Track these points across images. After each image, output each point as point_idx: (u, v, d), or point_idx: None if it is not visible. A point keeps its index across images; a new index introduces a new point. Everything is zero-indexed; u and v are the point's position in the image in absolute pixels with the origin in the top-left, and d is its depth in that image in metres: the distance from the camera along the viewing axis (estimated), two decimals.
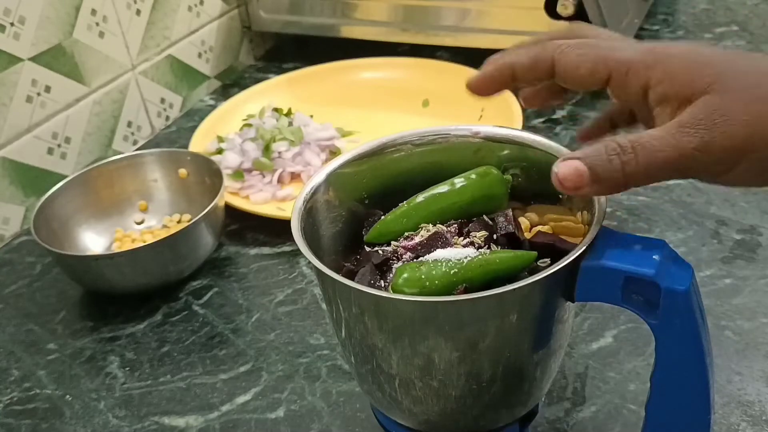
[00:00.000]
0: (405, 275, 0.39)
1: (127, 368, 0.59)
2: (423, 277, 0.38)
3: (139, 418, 0.54)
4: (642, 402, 0.47)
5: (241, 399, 0.55)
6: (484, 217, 0.44)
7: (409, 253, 0.42)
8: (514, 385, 0.41)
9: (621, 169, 0.34)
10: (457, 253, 0.40)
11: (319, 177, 0.44)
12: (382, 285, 0.41)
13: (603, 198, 0.39)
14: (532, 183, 0.45)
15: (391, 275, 0.41)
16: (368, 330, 0.39)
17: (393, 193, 0.46)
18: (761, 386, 0.50)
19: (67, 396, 0.57)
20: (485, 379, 0.39)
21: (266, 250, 0.70)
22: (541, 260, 0.41)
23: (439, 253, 0.40)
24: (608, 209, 0.47)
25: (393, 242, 0.43)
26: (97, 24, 0.83)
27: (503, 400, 0.41)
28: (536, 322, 0.38)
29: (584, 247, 0.36)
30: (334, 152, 0.80)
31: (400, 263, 0.42)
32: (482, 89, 0.41)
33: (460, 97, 0.49)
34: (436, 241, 0.41)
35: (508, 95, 0.81)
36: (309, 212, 0.43)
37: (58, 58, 0.79)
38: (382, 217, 0.45)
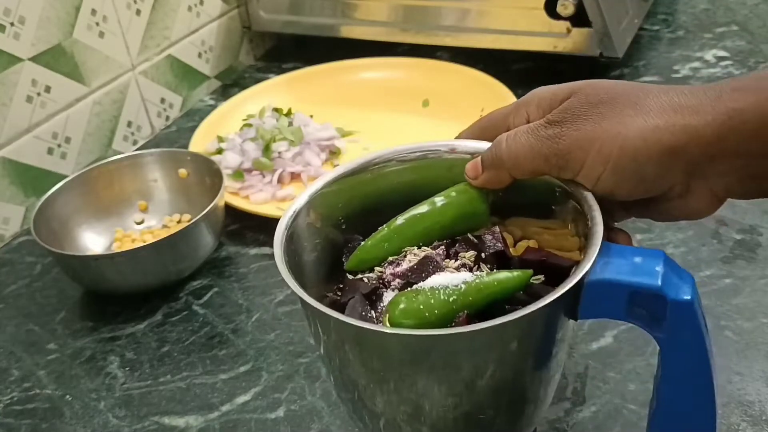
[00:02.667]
0: (402, 306, 0.37)
1: (127, 368, 0.59)
2: (421, 307, 0.37)
3: (139, 418, 0.54)
4: (643, 402, 0.47)
5: (241, 399, 0.55)
6: (469, 235, 0.43)
7: (398, 280, 0.40)
8: (519, 411, 0.41)
9: (496, 157, 0.40)
10: (453, 279, 0.38)
11: (300, 201, 0.43)
12: (373, 315, 0.40)
13: (597, 212, 0.38)
14: (510, 196, 0.44)
15: (381, 305, 0.40)
16: (367, 368, 0.38)
17: (370, 216, 0.45)
18: (761, 386, 0.50)
19: (67, 396, 0.57)
20: (491, 407, 0.39)
21: (266, 250, 0.70)
22: (533, 277, 0.40)
23: (434, 280, 0.39)
24: None
25: (377, 268, 0.42)
26: (97, 24, 0.83)
27: (509, 425, 0.41)
28: (540, 345, 0.38)
29: (590, 264, 0.35)
30: (334, 152, 0.80)
31: (389, 291, 0.40)
32: None
33: (460, 97, 0.49)
34: (427, 266, 0.40)
35: (505, 92, 0.81)
36: (291, 239, 0.41)
37: (58, 58, 0.79)
38: (362, 242, 0.43)
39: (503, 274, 0.39)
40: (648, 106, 0.37)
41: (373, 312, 0.40)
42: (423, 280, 0.40)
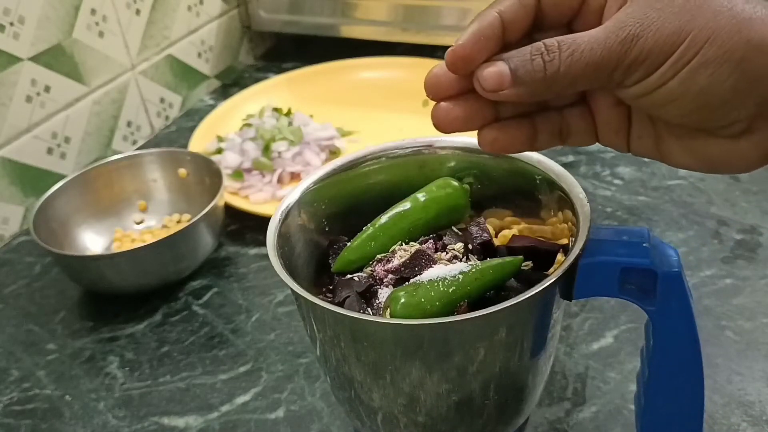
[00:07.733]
0: (402, 301, 0.37)
1: (127, 368, 0.59)
2: (422, 300, 0.37)
3: (139, 418, 0.54)
4: None
5: (241, 399, 0.55)
6: (453, 228, 0.43)
7: (391, 276, 0.41)
8: (519, 394, 0.41)
9: (542, 69, 0.32)
10: (450, 270, 0.39)
11: (290, 200, 0.43)
12: (370, 313, 0.40)
13: (583, 195, 0.39)
14: (485, 189, 0.45)
15: (376, 301, 0.40)
16: (368, 362, 0.38)
17: (350, 217, 0.45)
18: (762, 386, 0.50)
19: (67, 396, 0.57)
20: (493, 392, 0.39)
21: (266, 250, 0.69)
22: (523, 264, 0.40)
23: (430, 273, 0.39)
24: (608, 209, 0.47)
25: (366, 268, 0.42)
26: (97, 24, 0.83)
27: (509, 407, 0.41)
28: (539, 326, 0.38)
29: (582, 245, 0.36)
30: (333, 152, 0.80)
31: (383, 288, 0.40)
32: (470, 60, 0.36)
33: None
34: (420, 260, 0.40)
35: None
36: (281, 239, 0.41)
37: (57, 58, 0.79)
38: (348, 244, 0.44)
39: (497, 262, 0.39)
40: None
41: (369, 309, 0.40)
42: (417, 274, 0.40)
